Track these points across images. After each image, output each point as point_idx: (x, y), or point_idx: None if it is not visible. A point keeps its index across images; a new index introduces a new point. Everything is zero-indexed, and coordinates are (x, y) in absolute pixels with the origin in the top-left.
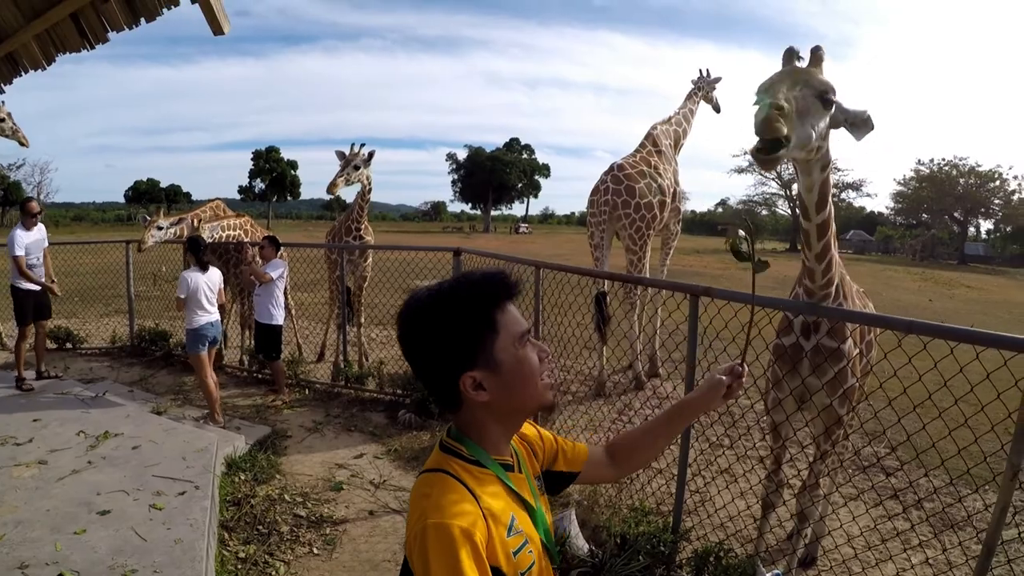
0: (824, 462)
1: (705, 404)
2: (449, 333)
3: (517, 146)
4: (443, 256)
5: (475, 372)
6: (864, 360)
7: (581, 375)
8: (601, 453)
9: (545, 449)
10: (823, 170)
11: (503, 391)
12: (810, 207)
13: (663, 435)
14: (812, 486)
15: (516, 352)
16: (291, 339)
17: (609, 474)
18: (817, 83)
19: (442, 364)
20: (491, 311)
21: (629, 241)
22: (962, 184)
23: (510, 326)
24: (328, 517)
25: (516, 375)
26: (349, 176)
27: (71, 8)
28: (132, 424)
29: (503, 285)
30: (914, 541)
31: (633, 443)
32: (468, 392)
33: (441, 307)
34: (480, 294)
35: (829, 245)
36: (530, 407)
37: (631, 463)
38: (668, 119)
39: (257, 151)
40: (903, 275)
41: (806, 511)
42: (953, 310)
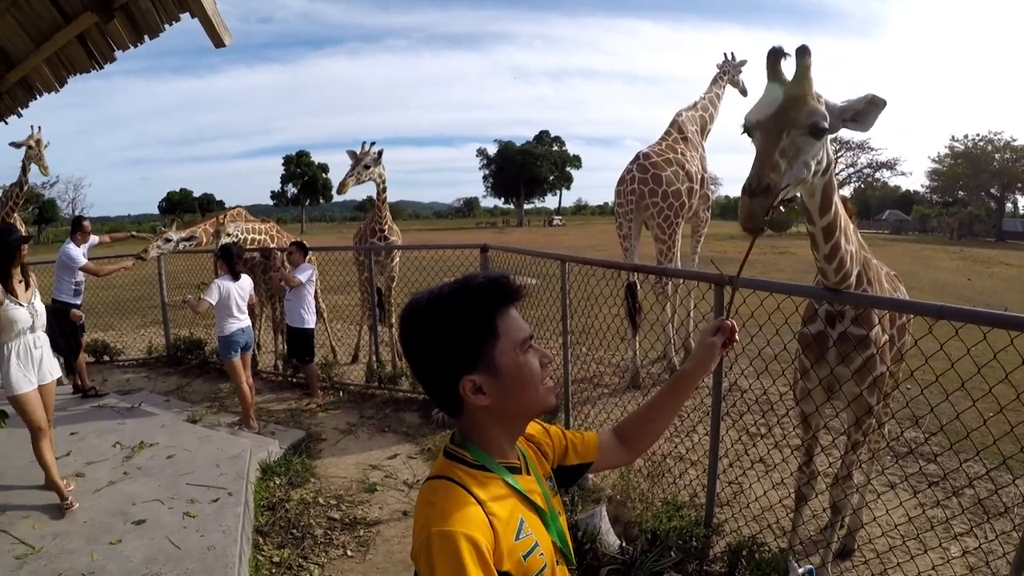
0: (856, 453)
1: (703, 368)
2: (450, 337)
3: (547, 138)
4: (471, 253)
5: (475, 376)
6: (895, 347)
7: (613, 366)
8: (611, 437)
9: (555, 446)
10: (824, 174)
11: (503, 395)
12: (813, 212)
13: (667, 409)
14: (845, 477)
15: (517, 357)
16: (324, 342)
17: (622, 457)
18: (804, 118)
19: (442, 367)
20: (492, 316)
21: (657, 230)
22: (998, 159)
23: (511, 331)
24: (362, 519)
25: (516, 380)
26: (360, 175)
27: (77, 30)
28: (167, 434)
29: (505, 289)
30: (952, 531)
31: (640, 422)
32: (468, 396)
33: (442, 310)
34: (482, 298)
35: (839, 245)
36: (531, 411)
37: (641, 443)
38: (693, 105)
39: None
40: (941, 254)
41: (839, 503)
42: (992, 289)
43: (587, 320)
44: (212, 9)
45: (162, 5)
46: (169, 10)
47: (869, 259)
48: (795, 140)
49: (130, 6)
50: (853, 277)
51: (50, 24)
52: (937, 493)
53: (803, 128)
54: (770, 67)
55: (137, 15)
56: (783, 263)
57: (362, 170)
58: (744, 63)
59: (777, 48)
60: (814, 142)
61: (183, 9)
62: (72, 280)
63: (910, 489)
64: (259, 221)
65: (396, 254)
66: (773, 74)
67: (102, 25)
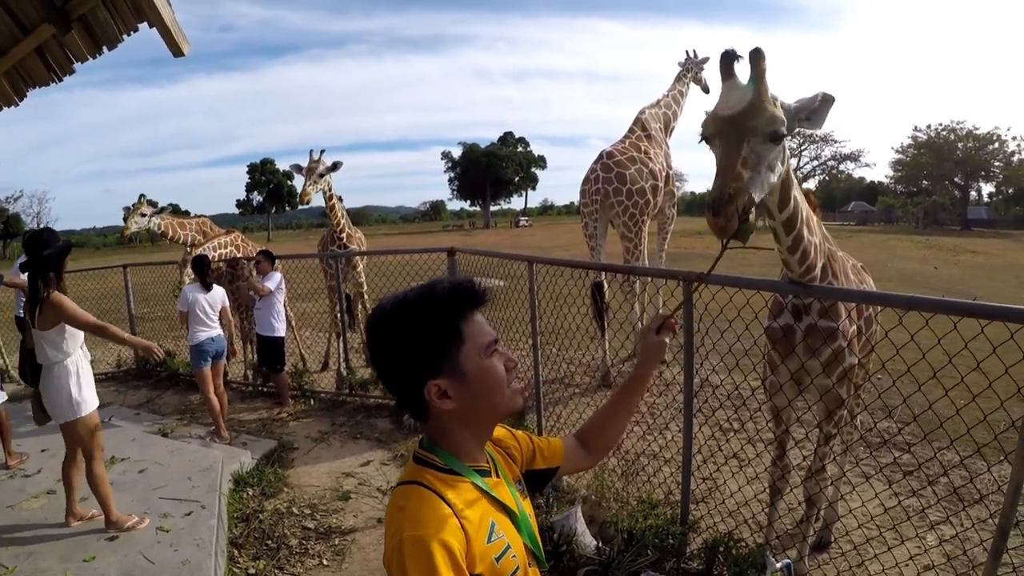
0: (829, 445)
1: (652, 366)
2: (415, 342)
3: (511, 140)
4: (438, 257)
5: (440, 380)
6: (863, 338)
7: (584, 365)
8: (573, 443)
9: (522, 450)
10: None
11: (469, 399)
12: (772, 207)
13: (623, 412)
14: (819, 470)
15: (482, 362)
16: (294, 350)
17: (585, 461)
18: (764, 126)
19: (408, 373)
20: (457, 321)
21: (624, 228)
22: (961, 148)
23: (476, 336)
24: (336, 527)
25: (482, 384)
26: (316, 183)
27: (35, 43)
28: (138, 447)
29: (470, 294)
30: (928, 520)
31: (598, 427)
32: (434, 400)
33: (407, 316)
34: (446, 303)
35: (801, 237)
36: (497, 414)
37: (602, 445)
38: (656, 102)
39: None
40: (907, 244)
41: (814, 496)
42: (959, 277)
43: (556, 320)
44: (170, 19)
45: (120, 15)
46: (127, 20)
47: (834, 251)
48: (755, 148)
49: (88, 17)
50: (818, 269)
51: (7, 38)
52: (912, 483)
53: (763, 136)
54: (724, 70)
55: (95, 26)
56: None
57: (317, 179)
58: (706, 60)
59: (730, 51)
60: (774, 147)
61: (141, 19)
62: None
63: (885, 480)
64: (224, 233)
65: (359, 261)
66: (727, 77)
67: (60, 37)
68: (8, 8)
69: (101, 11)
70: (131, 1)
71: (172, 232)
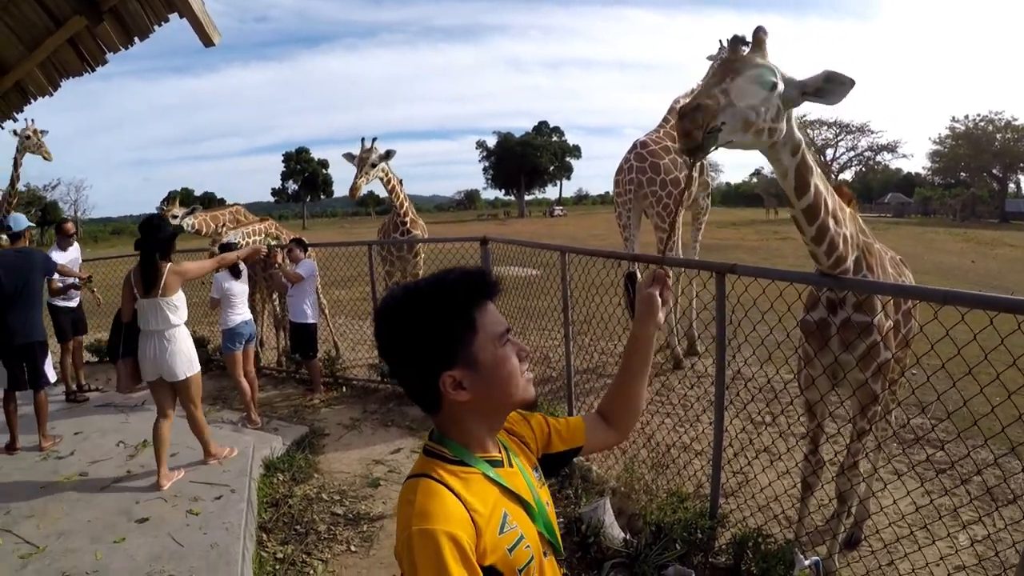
0: (862, 441)
1: (650, 322)
2: (428, 332)
3: (546, 129)
4: (472, 246)
5: (455, 371)
6: (900, 333)
7: (616, 356)
8: (595, 418)
9: (536, 436)
10: (794, 154)
11: (484, 390)
12: (790, 194)
13: (636, 376)
14: (851, 466)
15: (496, 352)
16: (327, 337)
17: (611, 437)
18: (749, 68)
19: (420, 364)
20: (471, 310)
21: (657, 219)
22: (999, 139)
23: (489, 326)
24: (365, 514)
25: (496, 374)
26: (368, 174)
27: (67, 34)
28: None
29: (482, 284)
30: (960, 520)
31: (616, 397)
32: (448, 392)
33: (420, 305)
34: (459, 293)
35: (826, 227)
36: (511, 404)
37: (625, 417)
38: (691, 91)
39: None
40: (944, 236)
41: (845, 493)
42: (997, 271)
43: (589, 310)
44: (200, 9)
45: (150, 6)
46: (158, 11)
47: (871, 244)
48: (740, 85)
49: (119, 8)
50: (850, 262)
51: (41, 29)
52: (945, 481)
53: (747, 76)
54: (731, 50)
55: (126, 17)
56: (785, 249)
57: (369, 169)
58: None
59: (737, 36)
60: (763, 92)
61: (171, 10)
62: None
63: (917, 478)
64: (257, 220)
65: (420, 249)
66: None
67: (92, 28)
68: (41, 1)
69: (132, 2)
70: None
71: (205, 228)
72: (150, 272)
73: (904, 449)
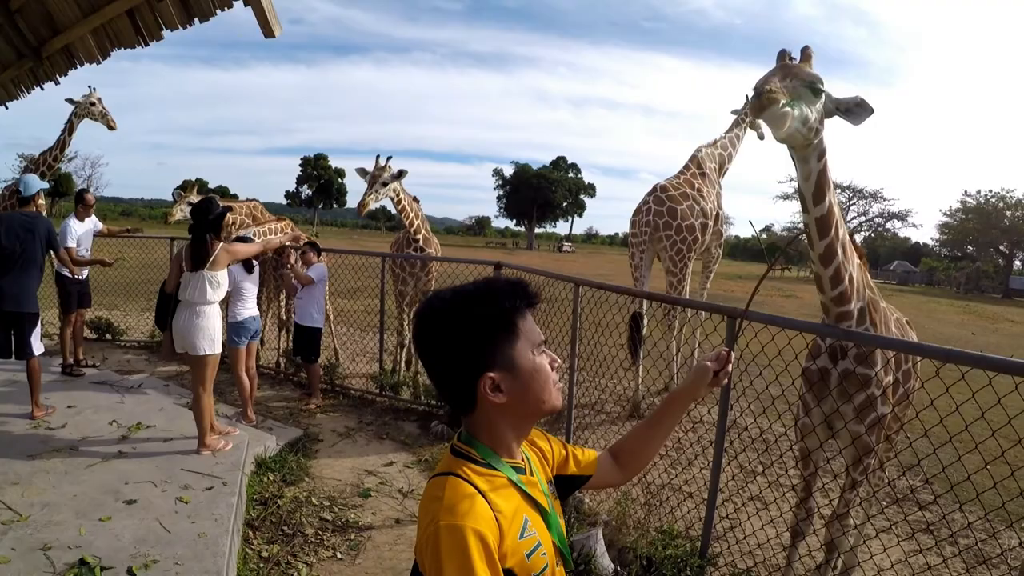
0: (855, 492)
1: (694, 391)
2: (473, 333)
3: (564, 164)
4: (484, 269)
5: (494, 373)
6: (901, 389)
7: (616, 395)
8: (607, 457)
9: (555, 454)
10: (820, 159)
11: (520, 393)
12: (808, 197)
13: (660, 430)
14: (842, 516)
15: (534, 358)
16: (328, 344)
17: (616, 477)
18: (805, 74)
19: (462, 364)
20: (513, 316)
21: (670, 263)
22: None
23: (529, 333)
24: (354, 523)
25: (533, 379)
26: (378, 192)
27: (128, 4)
28: (165, 417)
29: (524, 293)
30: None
31: (634, 444)
32: (486, 393)
33: (465, 308)
34: (505, 299)
35: (834, 251)
36: (543, 410)
37: (635, 463)
38: (714, 142)
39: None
40: (946, 307)
41: (836, 541)
42: (996, 344)
43: (593, 347)
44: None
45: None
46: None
47: (877, 301)
48: (795, 85)
49: None
50: (854, 307)
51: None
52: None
53: (803, 80)
54: (779, 61)
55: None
56: (789, 306)
57: (380, 187)
58: None
59: (784, 50)
60: (811, 96)
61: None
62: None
63: (908, 531)
64: (275, 220)
65: (432, 267)
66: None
67: (154, 3)
68: None
69: None
70: None
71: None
72: (201, 249)
73: (897, 500)
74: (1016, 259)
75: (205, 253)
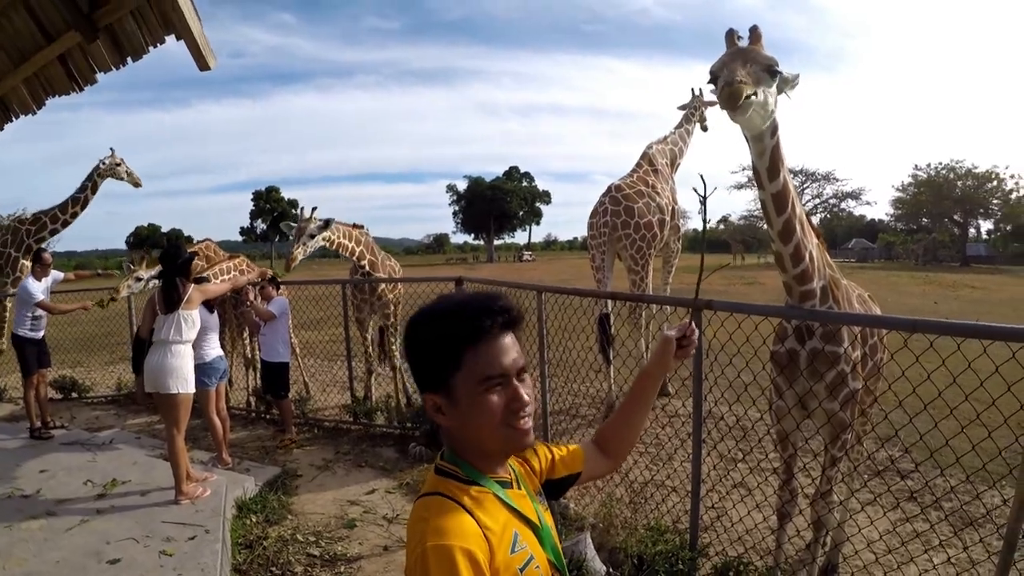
0: (836, 469)
1: (663, 364)
2: (420, 353)
3: (517, 174)
4: (445, 286)
5: (437, 396)
6: (871, 363)
7: (589, 397)
8: (592, 447)
9: (540, 460)
10: (772, 135)
11: (459, 421)
12: (763, 173)
13: (638, 410)
14: (826, 493)
15: (474, 394)
16: (297, 377)
17: (604, 467)
18: (763, 58)
19: (416, 376)
20: (462, 344)
21: (631, 261)
22: (960, 186)
23: (477, 366)
24: (342, 555)
25: (469, 417)
26: (306, 244)
27: (58, 51)
28: (139, 471)
29: (493, 317)
30: (935, 541)
31: (616, 428)
32: (430, 411)
33: (424, 326)
34: (462, 324)
35: (792, 227)
36: (489, 447)
37: (620, 449)
38: (664, 139)
39: (257, 191)
40: (907, 280)
41: (822, 519)
42: (959, 311)
43: (562, 353)
44: (199, 31)
45: (147, 26)
46: (155, 32)
47: (838, 279)
48: (755, 71)
49: (115, 27)
50: (816, 285)
51: (31, 44)
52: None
53: (762, 64)
54: (728, 43)
55: (121, 36)
56: (753, 293)
57: (307, 239)
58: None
59: (732, 29)
60: (770, 80)
61: (169, 31)
62: (30, 315)
63: (892, 501)
64: (227, 258)
65: (385, 292)
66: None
67: (85, 46)
68: (34, 14)
69: (129, 21)
70: (160, 12)
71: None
72: (173, 293)
73: (879, 473)
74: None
75: (177, 296)
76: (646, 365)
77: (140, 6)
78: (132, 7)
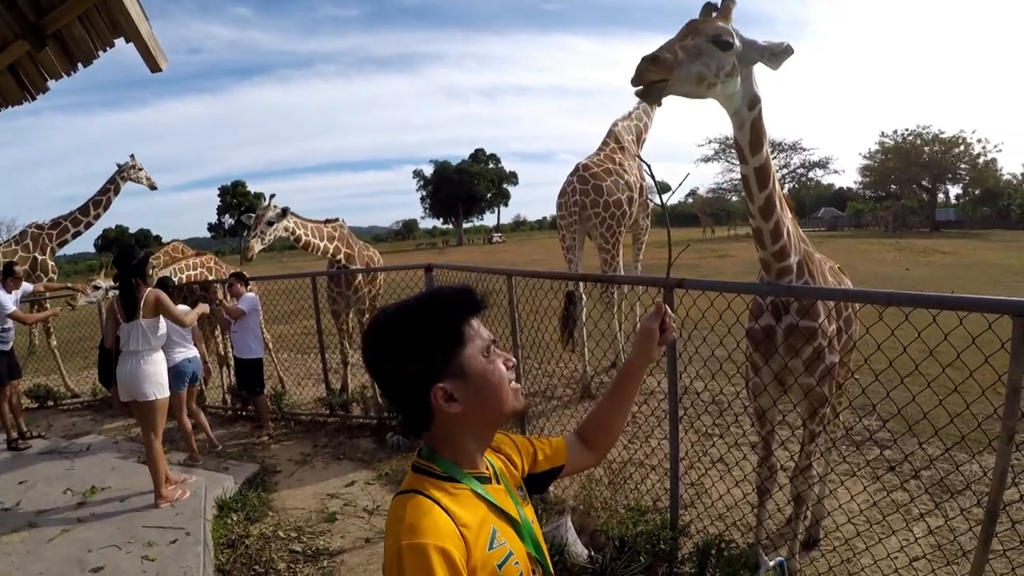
0: (815, 443)
1: (647, 354)
2: (418, 346)
3: (483, 156)
4: (416, 274)
5: (445, 383)
6: (845, 336)
7: (565, 378)
8: (575, 440)
9: (522, 453)
10: (751, 108)
11: (475, 399)
12: (744, 146)
13: (621, 403)
14: (805, 468)
15: (484, 362)
16: (272, 372)
17: (588, 460)
18: (710, 29)
19: (411, 378)
20: (458, 324)
21: (601, 240)
22: (927, 152)
23: (476, 338)
24: (324, 549)
25: (485, 383)
26: (264, 234)
27: (7, 60)
28: (119, 476)
29: (470, 300)
30: (915, 512)
31: (598, 421)
32: (440, 404)
33: (410, 321)
34: (447, 308)
35: (773, 203)
36: (502, 414)
37: (604, 441)
38: (628, 115)
39: (224, 187)
40: (878, 247)
41: (802, 494)
42: (931, 277)
43: (535, 335)
44: (148, 33)
45: (96, 31)
46: (103, 36)
47: (811, 253)
48: (698, 43)
49: (63, 33)
50: (793, 261)
51: None
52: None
53: (706, 36)
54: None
55: (70, 42)
56: (724, 266)
57: (265, 227)
58: None
59: (709, 3)
60: (718, 52)
61: (117, 34)
62: (1, 327)
63: (871, 475)
64: (194, 255)
65: (361, 284)
66: None
67: (34, 54)
68: None
69: (76, 27)
70: (107, 16)
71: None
72: (131, 296)
73: (857, 447)
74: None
75: (135, 299)
76: (629, 357)
77: (87, 11)
78: (79, 12)
